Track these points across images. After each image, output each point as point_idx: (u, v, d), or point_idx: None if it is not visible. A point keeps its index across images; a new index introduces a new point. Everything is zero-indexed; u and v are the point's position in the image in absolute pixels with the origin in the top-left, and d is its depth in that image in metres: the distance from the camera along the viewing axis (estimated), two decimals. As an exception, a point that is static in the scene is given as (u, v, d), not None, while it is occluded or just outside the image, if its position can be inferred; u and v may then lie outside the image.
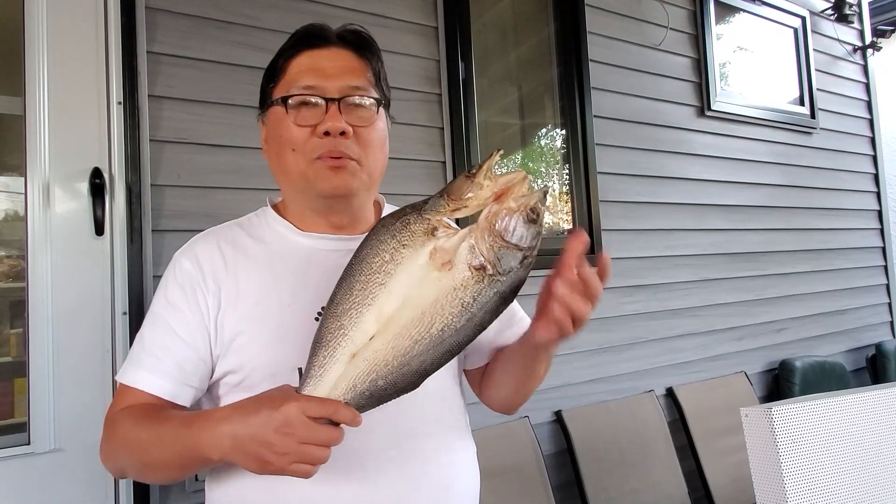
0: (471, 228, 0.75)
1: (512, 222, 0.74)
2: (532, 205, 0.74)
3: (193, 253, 0.94)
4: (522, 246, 0.74)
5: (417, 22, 2.18)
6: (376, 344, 0.74)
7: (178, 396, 0.90)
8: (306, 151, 0.91)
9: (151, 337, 0.92)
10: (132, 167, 1.60)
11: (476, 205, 0.75)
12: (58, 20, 1.57)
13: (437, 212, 0.76)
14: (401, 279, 0.75)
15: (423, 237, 0.75)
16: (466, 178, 0.76)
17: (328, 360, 0.75)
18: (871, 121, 3.93)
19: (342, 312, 0.76)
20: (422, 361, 0.74)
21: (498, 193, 0.75)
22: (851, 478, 1.00)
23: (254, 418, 0.74)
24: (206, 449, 0.77)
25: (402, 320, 0.74)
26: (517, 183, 0.75)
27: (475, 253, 0.73)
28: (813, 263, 3.41)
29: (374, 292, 0.75)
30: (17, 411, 1.52)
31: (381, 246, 0.76)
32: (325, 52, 0.95)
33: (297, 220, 0.99)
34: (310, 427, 0.71)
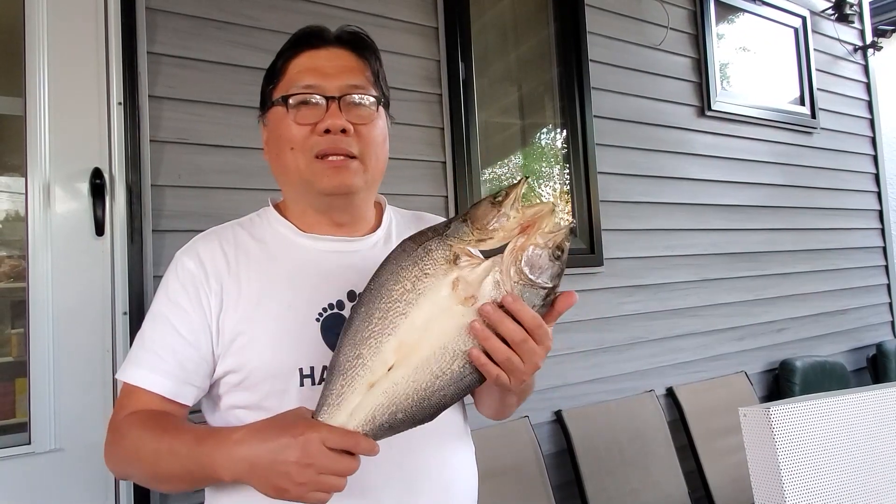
0: (495, 261, 0.73)
1: (539, 261, 0.72)
2: (559, 242, 0.73)
3: (196, 252, 0.94)
4: (547, 285, 0.73)
5: (418, 22, 2.18)
6: (396, 376, 0.73)
7: (180, 395, 0.90)
8: (306, 149, 0.91)
9: (153, 335, 0.92)
10: (132, 167, 1.61)
11: (502, 237, 0.74)
12: (58, 21, 1.57)
13: (461, 239, 0.74)
14: (422, 310, 0.74)
15: (446, 265, 0.74)
16: (492, 206, 0.75)
17: (346, 389, 0.74)
18: (871, 120, 3.93)
19: (361, 341, 0.75)
20: (442, 396, 0.74)
21: (524, 225, 0.73)
22: (850, 478, 1.00)
23: (272, 443, 0.74)
24: (220, 470, 0.77)
25: (422, 353, 0.73)
26: (544, 216, 0.74)
27: (500, 289, 0.72)
28: (813, 263, 3.41)
29: (394, 322, 0.74)
30: (18, 411, 1.52)
31: (402, 273, 0.75)
32: (324, 52, 0.96)
33: (299, 220, 0.99)
34: (330, 458, 0.72)
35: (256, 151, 1.79)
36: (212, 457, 0.78)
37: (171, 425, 0.86)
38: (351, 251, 0.98)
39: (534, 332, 0.72)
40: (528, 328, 0.72)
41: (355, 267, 0.96)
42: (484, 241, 0.74)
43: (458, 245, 0.74)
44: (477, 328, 0.72)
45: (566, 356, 2.43)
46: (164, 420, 0.87)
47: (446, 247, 0.74)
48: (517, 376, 0.74)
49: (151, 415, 0.88)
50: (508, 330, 0.71)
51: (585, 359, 2.49)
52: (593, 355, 2.52)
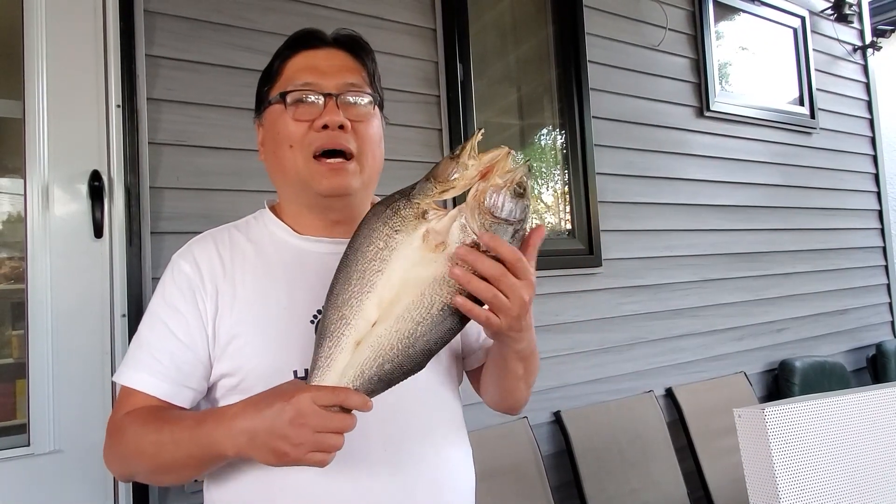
0: (460, 208, 0.76)
1: (500, 198, 0.75)
2: (518, 179, 0.76)
3: (192, 255, 0.95)
4: (512, 220, 0.75)
5: (416, 24, 2.19)
6: (379, 329, 0.75)
7: (176, 398, 0.90)
8: (304, 146, 0.92)
9: (149, 338, 0.92)
10: (131, 170, 1.61)
11: (463, 185, 0.77)
12: (57, 24, 1.57)
13: (426, 195, 0.77)
14: (397, 264, 0.76)
15: (415, 221, 0.76)
16: (451, 160, 0.78)
17: (333, 350, 0.76)
18: (871, 120, 3.93)
19: (342, 303, 0.77)
20: (426, 342, 0.76)
21: (483, 171, 0.76)
22: (845, 479, 1.00)
23: (267, 411, 0.75)
24: (222, 446, 0.78)
25: (402, 304, 0.75)
26: (501, 159, 0.77)
27: (467, 231, 0.75)
28: (813, 263, 3.41)
29: (372, 280, 0.76)
30: (19, 412, 1.53)
31: (373, 234, 0.78)
32: (321, 52, 0.97)
33: (294, 221, 0.99)
34: (323, 416, 0.72)
35: (255, 153, 1.79)
36: (212, 435, 0.79)
37: (170, 416, 0.86)
38: None
39: (513, 266, 0.74)
40: (506, 262, 0.73)
41: None
42: (447, 191, 0.77)
43: (424, 201, 0.77)
44: (457, 273, 0.73)
45: (565, 357, 2.43)
46: (162, 413, 0.87)
47: (413, 205, 0.77)
48: (506, 314, 0.75)
49: (150, 410, 0.88)
50: (487, 267, 0.73)
51: (584, 359, 2.50)
52: (592, 356, 2.52)
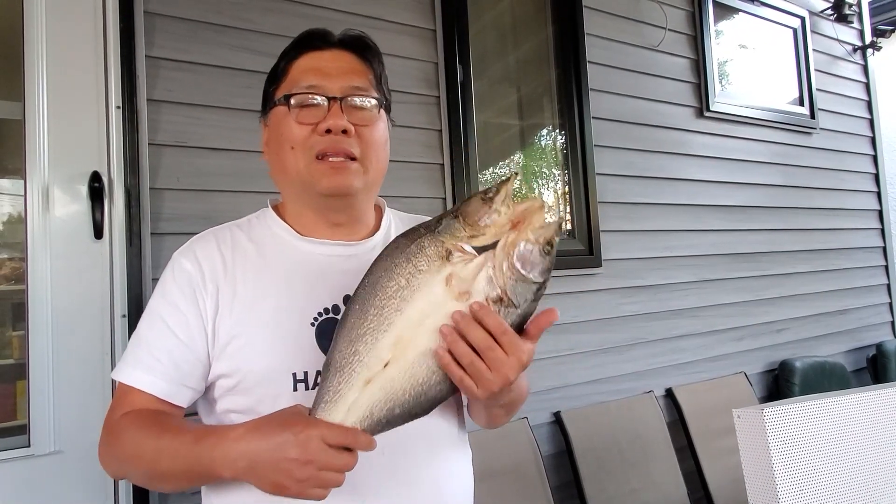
0: (487, 257, 0.74)
1: (530, 256, 0.73)
2: (549, 238, 0.74)
3: (193, 253, 0.94)
4: (538, 280, 0.74)
5: (415, 25, 2.19)
6: (392, 371, 0.74)
7: (174, 396, 0.90)
8: (306, 149, 0.92)
9: (148, 336, 0.92)
10: (131, 171, 1.61)
11: (493, 234, 0.75)
12: (57, 25, 1.58)
13: (453, 235, 0.76)
14: (417, 305, 0.75)
15: (439, 262, 0.75)
16: (482, 202, 0.76)
17: (343, 386, 0.75)
18: (871, 120, 3.93)
19: (357, 337, 0.75)
20: (440, 391, 0.75)
21: (514, 221, 0.75)
22: (844, 479, 1.00)
23: (272, 442, 0.74)
24: (219, 468, 0.78)
25: (419, 348, 0.74)
26: (535, 212, 0.75)
27: (493, 285, 0.73)
28: (813, 263, 3.41)
29: (390, 318, 0.75)
30: (19, 413, 1.53)
31: (396, 269, 0.76)
32: (328, 53, 0.96)
33: (296, 222, 0.99)
34: (330, 455, 0.72)
35: (255, 154, 1.81)
36: (211, 455, 0.78)
37: (171, 424, 0.86)
38: (348, 255, 0.98)
39: (500, 340, 0.73)
40: (494, 335, 0.73)
41: (352, 271, 0.95)
42: (475, 237, 0.75)
43: (450, 241, 0.75)
44: (444, 331, 0.73)
45: (565, 357, 2.43)
46: (162, 419, 0.87)
47: (438, 243, 0.76)
48: (484, 385, 0.74)
49: (149, 414, 0.88)
50: (475, 337, 0.72)
51: (584, 360, 2.49)
52: (592, 356, 2.52)
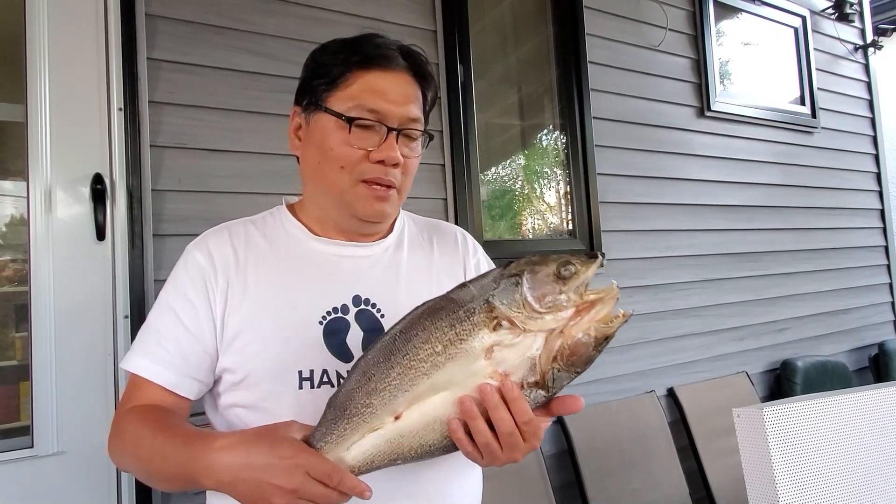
0: (537, 342, 0.68)
1: (583, 350, 0.67)
2: (610, 334, 0.68)
3: (206, 246, 0.95)
4: (579, 372, 0.69)
5: (416, 26, 2.19)
6: (402, 427, 0.71)
7: (181, 387, 0.90)
8: (355, 173, 0.92)
9: (157, 325, 0.92)
10: (133, 172, 1.62)
11: (553, 319, 0.68)
12: (59, 28, 1.58)
13: (509, 308, 0.68)
14: (448, 374, 0.70)
15: (485, 329, 0.69)
16: (556, 281, 0.68)
17: (348, 432, 0.72)
18: (872, 119, 3.92)
19: (373, 391, 0.71)
20: (444, 450, 0.72)
21: (580, 309, 0.68)
22: (844, 478, 1.00)
23: (258, 462, 0.72)
24: (201, 475, 0.76)
25: (436, 413, 0.70)
26: (605, 304, 0.68)
27: (534, 371, 0.68)
28: (815, 263, 3.41)
29: (414, 380, 0.70)
30: (23, 414, 1.53)
31: (435, 333, 0.70)
32: (393, 75, 0.94)
33: (315, 223, 0.99)
34: (315, 488, 0.70)
35: (256, 155, 1.81)
36: (194, 462, 0.77)
37: (168, 423, 0.85)
38: (360, 256, 0.99)
39: (521, 426, 0.70)
40: (517, 422, 0.70)
41: (363, 272, 0.97)
42: (533, 318, 0.68)
43: (503, 311, 0.68)
44: (466, 405, 0.69)
45: (566, 357, 2.43)
46: (162, 417, 0.87)
47: (489, 309, 0.69)
48: (491, 462, 0.73)
49: (151, 411, 0.88)
50: (499, 419, 0.69)
51: (586, 360, 2.49)
52: (594, 356, 2.51)
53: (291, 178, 1.81)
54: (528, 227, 2.67)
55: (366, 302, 0.95)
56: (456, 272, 1.05)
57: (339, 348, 0.91)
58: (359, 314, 0.94)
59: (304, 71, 0.99)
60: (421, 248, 1.05)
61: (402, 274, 1.00)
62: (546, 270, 0.69)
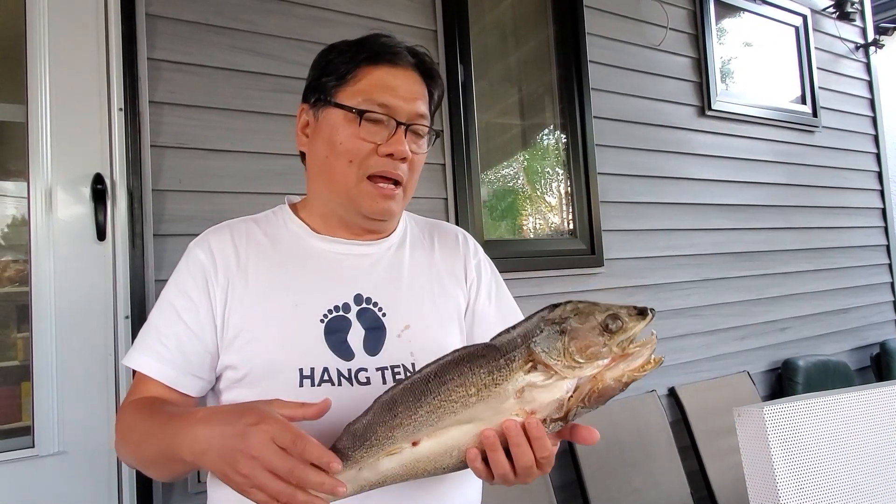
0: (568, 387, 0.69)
1: (610, 392, 0.69)
2: (639, 377, 0.69)
3: (208, 244, 0.95)
4: (600, 405, 0.70)
5: (416, 25, 2.19)
6: (420, 453, 0.71)
7: (181, 385, 0.90)
8: (363, 167, 0.92)
9: (158, 323, 0.93)
10: (133, 172, 1.62)
11: (590, 374, 0.69)
12: (59, 28, 1.58)
13: (549, 356, 0.69)
14: (476, 411, 0.71)
15: (520, 372, 0.70)
16: (601, 334, 0.69)
17: (364, 457, 0.72)
18: (874, 118, 3.92)
19: (398, 424, 0.72)
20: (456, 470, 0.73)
21: (616, 357, 0.69)
22: (845, 478, 1.00)
23: (226, 428, 0.71)
24: (181, 449, 0.76)
25: (457, 442, 0.71)
26: (641, 355, 0.69)
27: (561, 410, 0.69)
28: (816, 262, 3.40)
29: (441, 417, 0.71)
30: (24, 414, 1.53)
31: (471, 378, 0.71)
32: (401, 72, 0.95)
33: (318, 221, 1.00)
34: (276, 457, 0.67)
35: (257, 155, 1.81)
36: (175, 435, 0.77)
37: (161, 409, 0.85)
38: (362, 254, 0.99)
39: (539, 459, 0.71)
40: (536, 455, 0.71)
41: (365, 270, 0.97)
42: (571, 368, 0.69)
43: (541, 357, 0.69)
44: (490, 440, 0.70)
45: (567, 357, 2.43)
46: (156, 404, 0.87)
47: (529, 354, 0.70)
48: (501, 483, 0.74)
49: (149, 400, 0.89)
50: (520, 455, 0.70)
51: (587, 359, 2.49)
52: (595, 356, 2.51)
53: (292, 177, 1.81)
54: (529, 227, 2.67)
55: (367, 301, 0.95)
56: (457, 272, 1.05)
57: (340, 346, 0.91)
58: (360, 313, 0.94)
59: (312, 70, 1.00)
60: (422, 247, 1.05)
61: (404, 273, 1.00)
62: (593, 321, 0.69)
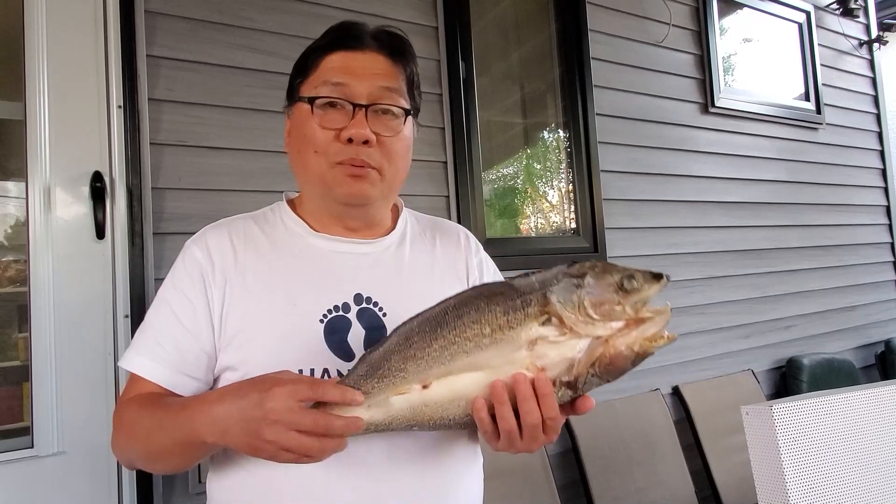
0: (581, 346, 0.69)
1: (621, 363, 0.69)
2: (651, 352, 0.70)
3: (205, 243, 0.94)
4: (612, 381, 0.70)
5: (417, 22, 2.18)
6: (428, 397, 0.72)
7: (177, 386, 0.89)
8: (328, 155, 0.91)
9: (154, 323, 0.91)
10: (133, 170, 1.61)
11: (603, 327, 0.69)
12: (57, 26, 1.57)
13: (564, 307, 0.70)
14: (488, 356, 0.71)
15: (534, 321, 0.70)
16: (616, 290, 0.70)
17: (375, 391, 0.73)
18: (878, 115, 3.90)
19: (411, 357, 0.73)
20: (461, 426, 0.73)
21: (630, 322, 0.70)
22: (854, 476, 0.99)
23: (244, 401, 0.73)
24: (201, 432, 0.76)
25: (465, 391, 0.71)
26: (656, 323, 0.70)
27: (571, 372, 0.70)
28: (820, 260, 3.39)
29: (454, 355, 0.72)
30: (26, 415, 1.53)
31: (487, 315, 0.71)
32: (360, 54, 0.93)
33: (313, 219, 0.98)
34: (297, 414, 0.69)
35: (256, 153, 1.80)
36: (193, 421, 0.77)
37: (164, 401, 0.85)
38: (362, 253, 0.97)
39: (547, 422, 0.71)
40: (544, 416, 0.71)
41: (365, 269, 0.95)
42: (584, 322, 0.69)
43: (557, 308, 0.70)
44: (499, 391, 0.70)
45: (570, 355, 2.42)
46: (159, 398, 0.86)
47: (544, 302, 0.70)
48: (507, 447, 0.73)
49: (148, 395, 0.87)
50: (527, 410, 0.70)
51: (590, 358, 2.48)
52: (598, 354, 2.50)
53: (292, 175, 1.80)
54: (532, 225, 2.65)
55: (367, 300, 0.93)
56: (459, 271, 1.04)
57: (339, 347, 0.89)
58: (360, 312, 0.92)
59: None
60: (423, 245, 1.04)
61: (405, 272, 0.98)
62: (610, 279, 0.70)
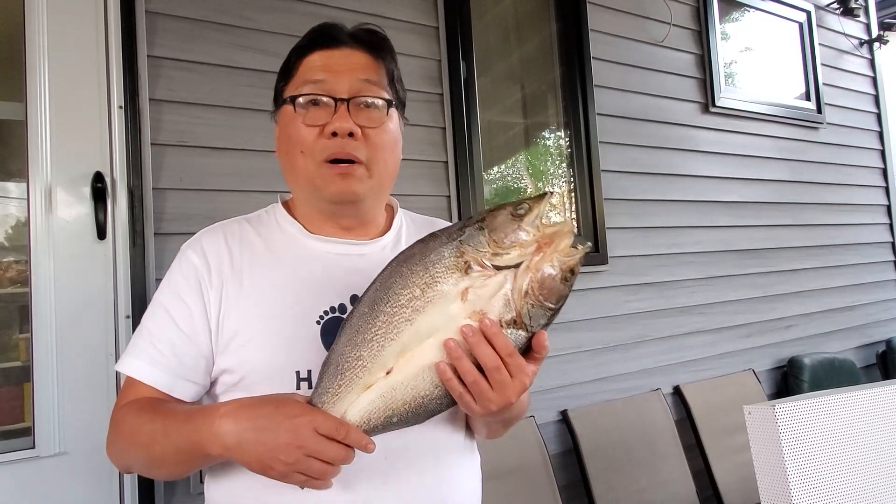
0: (507, 277, 0.72)
1: (551, 282, 0.71)
2: (573, 265, 0.72)
3: (200, 246, 0.93)
4: (554, 307, 0.72)
5: (418, 22, 2.18)
6: (394, 380, 0.73)
7: (175, 389, 0.88)
8: (315, 153, 0.90)
9: (151, 327, 0.91)
10: (134, 171, 1.61)
11: (516, 254, 0.72)
12: (58, 26, 1.57)
13: (476, 250, 0.72)
14: (429, 318, 0.72)
15: (457, 274, 0.72)
16: (512, 218, 0.73)
17: (342, 389, 0.74)
18: (878, 115, 3.90)
19: (362, 342, 0.74)
20: (439, 404, 0.74)
21: (541, 243, 0.72)
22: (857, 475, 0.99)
23: (263, 421, 0.73)
24: (208, 444, 0.77)
25: (424, 360, 0.73)
26: (563, 236, 0.72)
27: (509, 307, 0.71)
28: (821, 259, 3.39)
29: (399, 328, 0.73)
30: (27, 415, 1.53)
31: (412, 277, 0.73)
32: (338, 51, 0.94)
33: (307, 221, 0.98)
34: (321, 443, 0.72)
35: (257, 153, 1.80)
36: (199, 432, 0.77)
37: (166, 408, 0.85)
38: (358, 254, 0.97)
39: (507, 361, 0.72)
40: (501, 356, 0.71)
41: (361, 270, 0.94)
42: (498, 254, 0.72)
43: (471, 253, 0.72)
44: (450, 346, 0.71)
45: (571, 355, 2.42)
46: (158, 404, 0.86)
47: (459, 254, 0.73)
48: (484, 404, 0.73)
49: (147, 401, 0.87)
50: (483, 354, 0.71)
51: (591, 358, 2.48)
52: (599, 354, 2.50)
53: (293, 176, 1.80)
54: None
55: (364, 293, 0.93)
56: None
57: None
58: None
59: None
60: None
61: None
62: (503, 213, 0.74)
